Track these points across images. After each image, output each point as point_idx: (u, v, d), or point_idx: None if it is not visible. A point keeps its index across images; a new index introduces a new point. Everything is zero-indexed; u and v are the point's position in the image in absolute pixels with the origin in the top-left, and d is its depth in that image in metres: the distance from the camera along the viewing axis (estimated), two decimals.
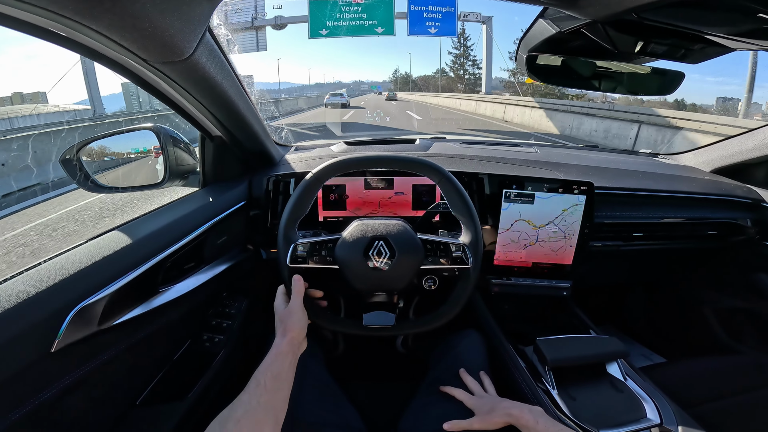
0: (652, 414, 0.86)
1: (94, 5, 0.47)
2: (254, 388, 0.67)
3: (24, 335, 0.62)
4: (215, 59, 0.77)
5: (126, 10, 0.50)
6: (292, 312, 0.80)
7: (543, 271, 1.22)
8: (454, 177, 0.90)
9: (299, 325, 0.80)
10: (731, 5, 0.63)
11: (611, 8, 0.66)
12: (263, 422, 0.64)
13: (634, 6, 0.63)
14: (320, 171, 0.87)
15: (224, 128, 1.03)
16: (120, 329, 0.77)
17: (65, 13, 0.48)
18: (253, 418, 0.63)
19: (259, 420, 0.63)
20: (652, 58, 0.87)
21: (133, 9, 0.50)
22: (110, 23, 0.52)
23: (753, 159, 1.40)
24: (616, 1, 0.64)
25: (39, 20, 0.51)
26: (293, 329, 0.78)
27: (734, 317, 1.48)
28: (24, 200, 5.54)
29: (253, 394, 0.66)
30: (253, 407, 0.64)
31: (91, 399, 0.77)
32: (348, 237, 0.89)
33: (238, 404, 0.64)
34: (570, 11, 0.72)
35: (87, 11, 0.48)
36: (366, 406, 0.99)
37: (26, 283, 0.66)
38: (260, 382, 0.68)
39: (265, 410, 0.65)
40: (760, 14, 0.62)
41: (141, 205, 4.26)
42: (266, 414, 0.65)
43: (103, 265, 0.75)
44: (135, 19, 0.52)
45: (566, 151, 1.61)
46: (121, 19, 0.51)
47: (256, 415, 0.64)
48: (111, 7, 0.48)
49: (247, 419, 0.62)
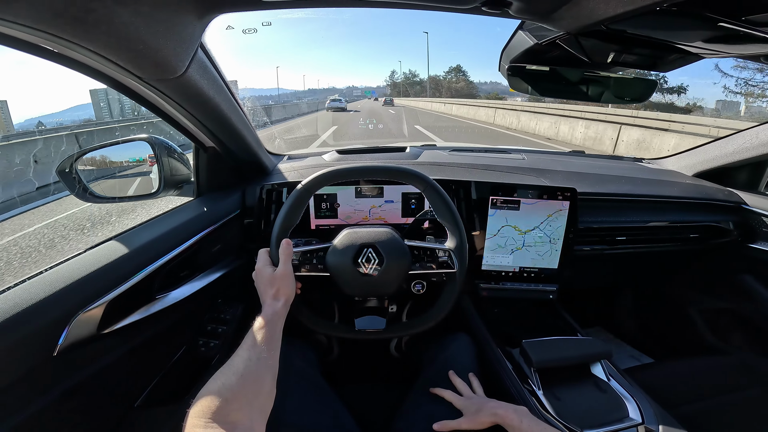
0: (634, 413, 0.88)
1: (89, 28, 0.50)
2: (252, 346, 0.67)
3: (28, 340, 0.64)
4: (208, 75, 0.81)
5: (120, 32, 0.53)
6: (286, 276, 0.81)
7: (530, 275, 1.25)
8: (438, 185, 0.93)
9: (291, 288, 0.81)
10: (693, 15, 0.67)
11: (581, 21, 0.70)
12: (264, 375, 0.64)
13: (602, 18, 0.67)
14: (310, 182, 0.90)
15: (217, 140, 1.06)
16: (118, 335, 0.79)
17: (63, 35, 0.51)
18: (255, 371, 0.63)
19: (260, 373, 0.63)
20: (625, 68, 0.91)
21: (127, 31, 0.53)
22: (106, 44, 0.55)
23: (734, 162, 1.43)
24: (585, 15, 0.68)
25: (38, 40, 0.53)
26: (286, 292, 0.79)
27: (720, 318, 1.50)
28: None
29: (252, 350, 0.66)
30: (253, 362, 0.64)
31: (90, 402, 0.79)
32: (338, 245, 0.91)
33: (238, 360, 0.64)
34: (544, 24, 0.76)
35: (83, 34, 0.51)
36: (360, 409, 1.00)
37: (29, 290, 0.68)
38: (257, 340, 0.68)
39: (265, 365, 0.65)
40: (720, 23, 0.66)
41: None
42: (266, 369, 0.65)
43: (102, 273, 0.78)
44: (129, 40, 0.55)
45: (552, 158, 1.65)
46: (116, 40, 0.54)
47: (258, 368, 0.64)
48: (106, 29, 0.51)
49: (249, 372, 0.62)
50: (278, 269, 0.82)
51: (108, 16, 0.49)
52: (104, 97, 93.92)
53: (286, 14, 0.88)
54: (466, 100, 25.82)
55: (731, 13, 0.61)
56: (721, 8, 0.63)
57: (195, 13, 0.59)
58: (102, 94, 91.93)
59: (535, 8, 0.68)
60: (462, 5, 0.67)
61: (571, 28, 0.74)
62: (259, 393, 0.62)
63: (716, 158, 1.48)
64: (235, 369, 0.62)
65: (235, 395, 0.58)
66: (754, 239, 1.36)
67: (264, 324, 0.72)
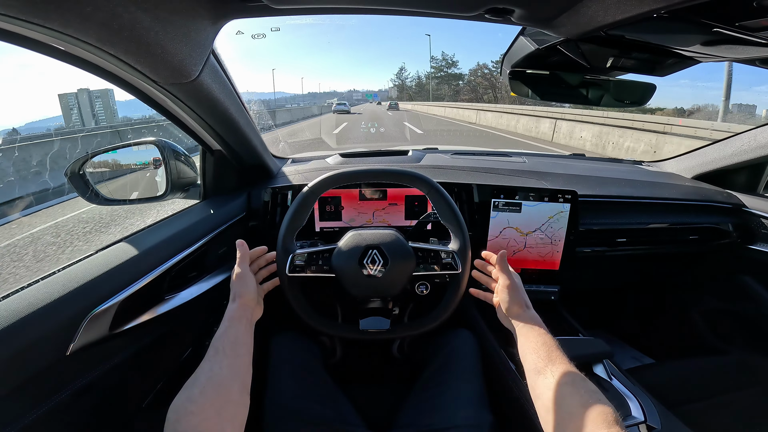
0: (636, 412, 0.89)
1: (113, 33, 0.52)
2: (213, 356, 0.66)
3: (42, 339, 0.65)
4: (218, 79, 0.83)
5: (141, 37, 0.55)
6: (239, 277, 0.82)
7: (532, 276, 1.27)
8: (441, 187, 0.94)
9: (248, 289, 0.81)
10: (688, 21, 0.69)
11: (581, 27, 0.72)
12: (228, 386, 0.63)
13: (601, 25, 0.69)
14: (316, 185, 0.92)
15: (225, 143, 1.08)
16: (129, 334, 0.80)
17: (88, 39, 0.53)
18: (218, 381, 0.62)
19: (224, 384, 0.62)
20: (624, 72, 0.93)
21: (148, 36, 0.55)
22: (127, 49, 0.57)
23: (733, 165, 1.45)
24: (585, 21, 0.70)
25: (63, 45, 0.55)
26: (243, 294, 0.80)
27: (720, 319, 1.52)
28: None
29: (214, 360, 0.65)
30: (215, 373, 0.63)
31: (100, 402, 0.80)
32: (343, 247, 0.93)
33: (200, 372, 0.63)
34: (545, 30, 0.78)
35: (107, 38, 0.54)
36: (363, 405, 1.01)
37: (43, 290, 0.69)
38: (218, 349, 0.67)
39: (229, 374, 0.64)
40: (715, 29, 0.68)
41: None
42: (231, 378, 0.64)
43: (113, 274, 0.79)
44: (149, 45, 0.57)
45: (553, 161, 1.67)
46: (137, 45, 0.56)
47: (220, 379, 0.62)
48: (129, 35, 0.53)
49: (211, 384, 0.61)
50: (235, 271, 0.83)
51: (131, 22, 0.51)
52: (74, 102, 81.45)
53: (291, 20, 0.89)
54: (490, 106, 23.00)
55: (725, 19, 0.63)
56: (715, 14, 0.65)
57: (209, 19, 0.61)
58: (72, 99, 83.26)
59: (536, 15, 0.71)
60: (466, 12, 0.69)
61: (571, 34, 0.76)
62: (227, 402, 0.61)
63: (715, 161, 1.50)
64: (198, 381, 0.61)
65: (200, 408, 0.58)
66: (753, 240, 1.38)
67: (224, 330, 0.72)
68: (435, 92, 55.05)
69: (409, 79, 58.54)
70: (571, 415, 0.58)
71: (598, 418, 0.55)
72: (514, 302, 0.84)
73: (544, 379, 0.66)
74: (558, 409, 0.61)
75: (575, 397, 0.60)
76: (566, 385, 0.63)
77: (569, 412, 0.59)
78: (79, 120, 25.34)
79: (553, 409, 0.62)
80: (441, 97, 49.48)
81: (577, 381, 0.63)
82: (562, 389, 0.63)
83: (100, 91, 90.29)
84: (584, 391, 0.61)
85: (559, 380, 0.64)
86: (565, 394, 0.62)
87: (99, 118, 64.43)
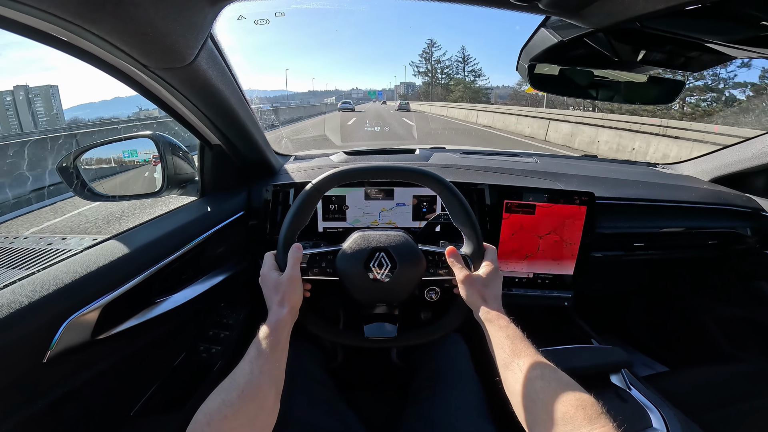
0: (657, 423, 0.85)
1: (96, 8, 0.47)
2: (255, 357, 0.64)
3: (15, 346, 0.61)
4: (217, 66, 0.77)
5: (128, 14, 0.49)
6: (292, 281, 0.77)
7: (544, 281, 1.21)
8: (455, 187, 0.89)
9: (298, 294, 0.77)
10: (734, 14, 0.63)
11: (615, 17, 0.66)
12: (266, 391, 0.61)
13: (639, 15, 0.63)
14: (320, 181, 0.86)
15: (224, 137, 1.03)
16: (114, 340, 0.75)
17: (67, 16, 0.47)
18: (257, 385, 0.60)
19: (262, 388, 0.60)
20: (653, 67, 0.87)
21: (136, 13, 0.49)
22: (112, 27, 0.51)
23: (752, 168, 1.40)
24: (620, 11, 0.64)
25: (39, 23, 0.50)
26: (293, 299, 0.76)
27: (736, 326, 1.47)
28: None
29: (255, 363, 0.63)
30: (255, 376, 0.61)
31: (84, 410, 0.75)
32: (348, 248, 0.87)
33: (240, 373, 0.61)
34: (574, 21, 0.72)
35: (89, 15, 0.48)
36: (365, 415, 0.97)
37: (18, 293, 0.64)
38: (261, 351, 0.65)
39: (268, 379, 0.62)
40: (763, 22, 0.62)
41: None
42: (269, 383, 0.62)
43: (98, 276, 0.74)
44: (137, 23, 0.51)
45: (565, 161, 1.61)
46: (123, 23, 0.51)
47: (260, 383, 0.61)
48: (113, 11, 0.47)
49: (251, 388, 0.59)
50: (285, 273, 0.78)
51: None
52: (11, 101, 67.53)
53: (294, 3, 0.84)
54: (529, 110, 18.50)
55: None
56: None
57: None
58: (8, 98, 70.71)
59: (567, 2, 0.64)
60: None
61: (602, 24, 0.70)
62: (261, 410, 0.60)
63: (733, 163, 1.45)
64: (236, 384, 0.59)
65: (236, 413, 0.56)
66: None
67: (268, 333, 0.68)
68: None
69: (441, 63, 52.76)
70: (547, 411, 0.54)
71: (577, 414, 0.51)
72: (474, 296, 0.79)
73: (513, 374, 0.63)
74: (532, 405, 0.58)
75: (547, 392, 0.56)
76: (536, 379, 0.60)
77: (545, 409, 0.55)
78: (16, 123, 23.58)
79: (527, 405, 0.59)
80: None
81: (546, 373, 0.60)
82: (534, 384, 0.59)
83: (40, 88, 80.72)
84: (556, 384, 0.57)
85: (527, 374, 0.61)
86: (537, 388, 0.58)
87: (40, 122, 60.08)
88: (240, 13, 0.86)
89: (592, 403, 0.53)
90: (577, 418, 0.51)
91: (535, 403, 0.57)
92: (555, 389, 0.56)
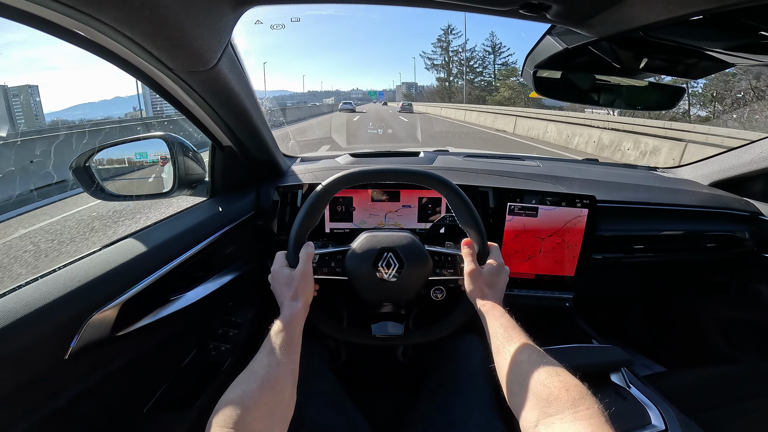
0: (656, 420, 0.87)
1: (132, 12, 0.49)
2: (271, 351, 0.65)
3: (39, 342, 0.62)
4: (235, 70, 0.79)
5: (161, 18, 0.51)
6: (305, 277, 0.79)
7: (546, 282, 1.24)
8: (461, 190, 0.91)
9: (310, 289, 0.79)
10: (734, 23, 0.66)
11: (619, 27, 0.69)
12: (284, 383, 0.62)
13: (642, 25, 0.66)
14: (331, 183, 0.88)
15: (235, 138, 1.04)
16: (132, 337, 0.77)
17: (104, 19, 0.49)
18: (275, 377, 0.61)
19: (280, 381, 0.61)
20: (655, 74, 0.90)
21: (168, 17, 0.51)
22: (145, 31, 0.53)
23: (751, 172, 1.43)
24: (624, 20, 0.66)
25: (69, 22, 0.51)
26: (306, 293, 0.77)
27: (734, 327, 1.49)
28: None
29: (272, 355, 0.64)
30: (273, 368, 0.62)
31: (102, 406, 0.76)
32: (357, 249, 0.90)
33: (258, 365, 0.62)
34: (579, 29, 0.74)
35: (125, 19, 0.50)
36: (371, 413, 0.98)
37: (42, 289, 0.66)
38: (277, 344, 0.66)
39: (285, 371, 0.63)
40: (762, 32, 0.65)
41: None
42: (286, 375, 0.63)
43: (117, 273, 0.75)
44: (169, 27, 0.53)
45: (567, 165, 1.64)
46: (156, 27, 0.53)
47: (278, 375, 0.61)
48: (149, 15, 0.49)
49: (269, 380, 0.60)
50: (297, 269, 0.79)
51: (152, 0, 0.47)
52: None
53: (308, 9, 0.84)
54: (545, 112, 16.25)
55: None
56: (765, 17, 0.62)
57: (230, 4, 0.58)
58: None
59: (574, 13, 0.67)
60: (500, 7, 0.66)
61: (606, 33, 0.73)
62: (280, 401, 0.60)
63: (733, 168, 1.47)
64: (256, 375, 0.60)
65: (256, 403, 0.56)
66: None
67: (282, 327, 0.70)
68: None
69: (463, 53, 42.44)
70: (533, 393, 0.55)
71: (561, 395, 0.52)
72: (476, 288, 0.82)
73: (503, 358, 0.65)
74: (518, 388, 0.59)
75: (533, 374, 0.57)
76: (523, 362, 0.61)
77: (531, 390, 0.56)
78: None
79: (513, 388, 0.60)
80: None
81: (533, 357, 0.61)
82: (520, 366, 0.61)
83: (19, 87, 76.45)
84: (542, 367, 0.58)
85: (514, 358, 0.63)
86: (523, 371, 0.60)
87: (17, 123, 55.94)
88: (257, 18, 0.88)
89: (575, 384, 0.54)
90: (561, 399, 0.52)
91: (521, 385, 0.58)
92: (540, 372, 0.57)
